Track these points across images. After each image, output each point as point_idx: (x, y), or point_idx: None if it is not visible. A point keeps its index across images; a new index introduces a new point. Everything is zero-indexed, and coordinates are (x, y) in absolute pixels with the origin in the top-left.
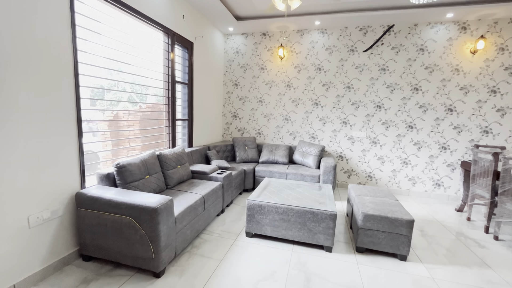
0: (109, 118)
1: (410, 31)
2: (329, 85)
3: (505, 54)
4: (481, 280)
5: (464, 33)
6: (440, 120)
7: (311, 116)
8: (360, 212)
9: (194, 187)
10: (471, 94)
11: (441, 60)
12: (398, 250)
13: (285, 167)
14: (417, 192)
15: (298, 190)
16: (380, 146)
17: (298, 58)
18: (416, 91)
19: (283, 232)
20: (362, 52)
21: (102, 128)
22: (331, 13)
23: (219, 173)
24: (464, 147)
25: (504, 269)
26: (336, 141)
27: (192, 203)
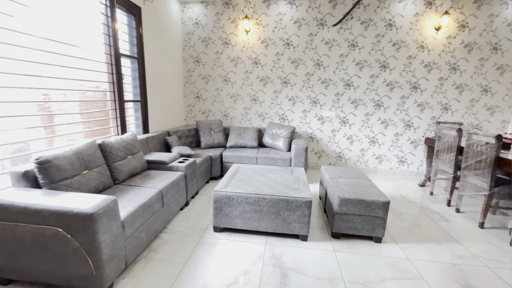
0: (35, 100)
1: (379, 4)
2: (298, 62)
3: (465, 31)
4: (452, 255)
5: (430, 9)
6: (406, 98)
7: (280, 96)
8: (336, 197)
9: (150, 180)
10: (434, 72)
11: (408, 37)
12: (374, 233)
13: (254, 151)
14: (383, 170)
15: (270, 176)
16: (349, 125)
17: (265, 32)
18: (384, 68)
19: (255, 224)
20: (331, 27)
21: (28, 112)
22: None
23: (181, 161)
24: (426, 124)
25: (468, 241)
26: (306, 122)
27: (146, 200)
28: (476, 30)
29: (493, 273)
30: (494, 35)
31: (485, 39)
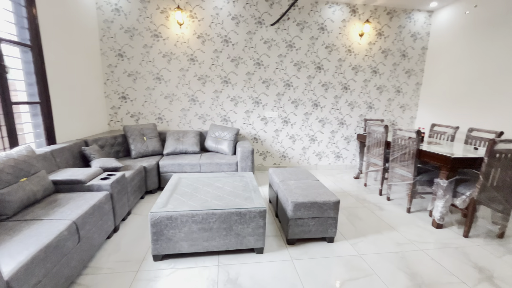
0: None
1: (312, 8)
2: (238, 61)
3: (381, 39)
4: (392, 244)
5: (354, 16)
6: (338, 97)
7: (222, 96)
8: (289, 202)
9: (59, 209)
10: (360, 74)
11: (338, 40)
12: (327, 233)
13: (197, 157)
14: (323, 166)
15: (217, 185)
16: (291, 125)
17: (201, 26)
18: (319, 69)
19: (204, 245)
20: (270, 26)
21: None
22: None
23: (104, 178)
24: (356, 121)
25: (402, 227)
26: (249, 123)
27: (51, 239)
28: (390, 38)
29: (426, 255)
30: (402, 43)
31: (396, 47)
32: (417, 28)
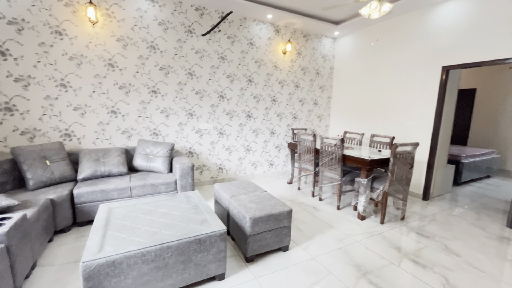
0: None
1: (241, 23)
2: (168, 69)
3: (300, 57)
4: (335, 241)
5: (278, 35)
6: (269, 109)
7: (150, 107)
8: (247, 218)
9: None
10: (285, 87)
11: (265, 56)
12: (282, 243)
13: (125, 180)
14: (258, 174)
15: (161, 211)
16: (226, 136)
17: (122, 28)
18: (250, 82)
19: (159, 286)
20: (201, 36)
21: None
22: None
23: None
24: (284, 130)
25: (337, 223)
26: (183, 136)
27: None
28: (307, 58)
29: (361, 246)
30: (316, 63)
31: (312, 65)
32: (326, 50)
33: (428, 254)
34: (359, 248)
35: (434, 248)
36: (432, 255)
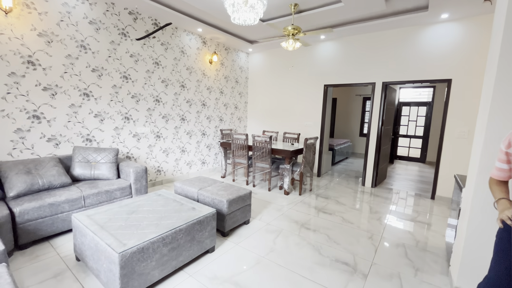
0: None
1: (173, 32)
2: (101, 72)
3: (223, 67)
4: (276, 211)
5: (205, 47)
6: (200, 112)
7: (82, 111)
8: (225, 201)
9: None
10: (212, 93)
11: (195, 64)
12: (246, 218)
13: (74, 190)
14: (193, 173)
15: (145, 209)
16: (163, 139)
17: (44, 22)
18: (183, 87)
19: (173, 264)
20: (135, 40)
21: None
22: None
23: None
24: (213, 132)
25: (273, 200)
26: (120, 141)
27: None
28: (228, 68)
29: (293, 210)
30: (235, 73)
31: (232, 74)
32: (242, 63)
33: (330, 207)
34: (292, 212)
35: (332, 203)
36: (332, 207)
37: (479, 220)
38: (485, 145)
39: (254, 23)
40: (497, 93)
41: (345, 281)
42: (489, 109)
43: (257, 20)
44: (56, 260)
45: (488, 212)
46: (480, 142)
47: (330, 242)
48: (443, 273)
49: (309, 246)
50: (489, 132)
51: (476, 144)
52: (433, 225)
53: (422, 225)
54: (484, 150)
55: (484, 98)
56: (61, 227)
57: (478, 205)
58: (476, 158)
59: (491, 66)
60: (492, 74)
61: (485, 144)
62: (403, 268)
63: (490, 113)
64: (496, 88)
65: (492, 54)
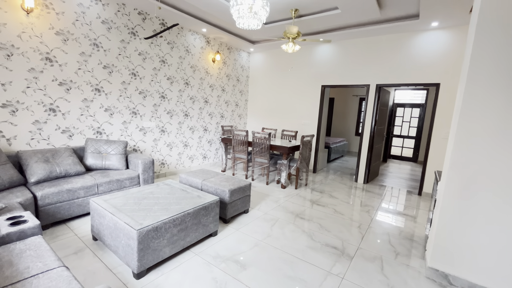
0: None
1: (179, 31)
2: (112, 69)
3: (226, 66)
4: (273, 202)
5: (208, 46)
6: (202, 109)
7: (93, 105)
8: (227, 191)
9: None
10: (215, 91)
11: (199, 63)
12: (245, 207)
13: (88, 178)
14: (194, 167)
15: (155, 196)
16: (167, 134)
17: (61, 22)
18: (187, 85)
19: (181, 243)
20: (144, 39)
21: None
22: None
23: (14, 223)
24: (214, 127)
25: (270, 192)
26: (128, 134)
27: None
28: (230, 66)
29: (290, 202)
30: (237, 71)
31: (234, 73)
32: (243, 62)
33: (324, 200)
34: (288, 204)
35: (326, 197)
36: (326, 200)
37: (450, 209)
38: (456, 144)
39: (257, 27)
40: (466, 98)
41: (333, 261)
42: (460, 112)
43: (260, 26)
44: (75, 239)
45: (457, 202)
46: (452, 141)
47: (322, 230)
48: (420, 257)
49: (303, 233)
50: (459, 132)
51: (449, 143)
52: (418, 218)
53: (408, 218)
54: (455, 148)
55: (457, 102)
56: (77, 211)
57: (449, 195)
58: (448, 155)
59: (463, 73)
60: (463, 81)
61: (456, 143)
62: (386, 252)
63: (461, 116)
64: (466, 94)
65: (464, 64)
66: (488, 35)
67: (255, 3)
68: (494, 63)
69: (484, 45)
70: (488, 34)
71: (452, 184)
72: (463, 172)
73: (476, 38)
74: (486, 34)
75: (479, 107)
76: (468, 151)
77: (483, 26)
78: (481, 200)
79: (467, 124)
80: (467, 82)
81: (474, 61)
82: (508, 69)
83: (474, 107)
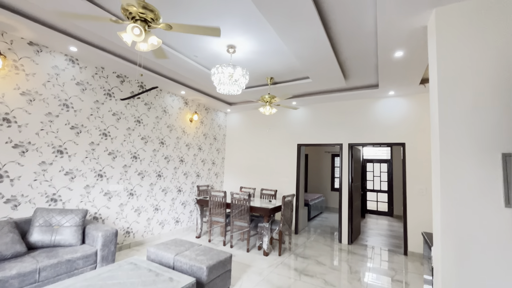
0: None
1: (157, 93)
2: (80, 129)
3: (203, 125)
4: (256, 275)
5: (186, 106)
6: (177, 168)
7: (52, 169)
8: (204, 268)
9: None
10: (191, 149)
11: (176, 122)
12: (225, 285)
13: (28, 261)
14: (165, 234)
15: (120, 281)
16: (136, 197)
17: (30, 82)
18: (162, 144)
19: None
20: (120, 100)
21: None
22: (90, 45)
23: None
24: (189, 188)
25: (252, 262)
26: (89, 200)
27: None
28: (207, 126)
29: (275, 274)
30: (214, 130)
31: (211, 132)
32: (220, 121)
33: (311, 268)
34: (273, 276)
35: (313, 264)
36: (313, 268)
37: (452, 278)
38: (443, 211)
39: (237, 93)
40: (444, 163)
41: None
42: (440, 182)
43: (240, 91)
44: None
45: (457, 268)
46: (438, 207)
47: None
48: None
49: None
50: (444, 199)
51: (435, 206)
52: (411, 284)
53: (400, 284)
54: (443, 212)
55: (435, 170)
56: None
57: (448, 263)
58: (437, 219)
59: (434, 143)
60: (436, 149)
61: (443, 210)
62: None
63: (442, 186)
64: (442, 159)
65: (433, 133)
66: (450, 103)
67: (236, 72)
68: (461, 126)
69: (449, 110)
70: (450, 102)
71: (449, 250)
72: (457, 236)
73: (440, 107)
74: (448, 102)
75: (456, 173)
76: (456, 215)
77: (444, 96)
78: (484, 261)
79: (450, 191)
80: (440, 152)
81: (442, 127)
82: (475, 130)
83: (452, 174)
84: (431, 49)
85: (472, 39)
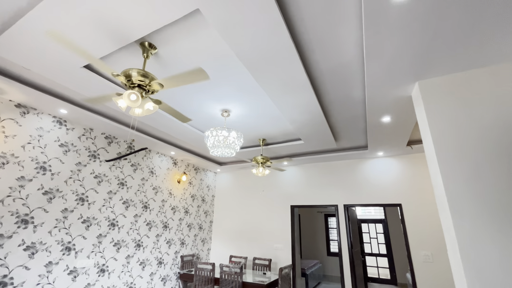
0: None
1: (146, 154)
2: (55, 194)
3: (191, 186)
4: None
5: (175, 167)
6: (159, 236)
7: (9, 244)
8: None
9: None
10: (177, 213)
11: (163, 184)
12: None
13: None
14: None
15: None
16: (108, 274)
17: (7, 144)
18: (146, 208)
19: None
20: (104, 161)
21: None
22: (81, 107)
23: None
24: (172, 258)
25: None
26: (48, 281)
27: None
28: (196, 187)
29: None
30: (202, 191)
31: (199, 193)
32: (209, 181)
33: None
34: None
35: None
36: None
37: None
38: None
39: (231, 155)
40: (460, 236)
41: None
42: (460, 255)
43: (234, 154)
44: None
45: None
46: (463, 284)
47: None
48: None
49: None
50: (468, 274)
51: (458, 284)
52: None
53: None
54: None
55: (451, 244)
56: None
57: None
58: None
59: (443, 210)
60: (447, 218)
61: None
62: None
63: (463, 260)
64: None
65: (440, 199)
66: (451, 163)
67: (230, 135)
68: (471, 189)
69: (452, 174)
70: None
71: None
72: None
73: (442, 171)
74: (449, 164)
75: (475, 240)
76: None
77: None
78: None
79: (472, 264)
80: (452, 218)
81: (449, 193)
82: (486, 192)
83: (470, 242)
84: (420, 115)
85: (457, 107)
